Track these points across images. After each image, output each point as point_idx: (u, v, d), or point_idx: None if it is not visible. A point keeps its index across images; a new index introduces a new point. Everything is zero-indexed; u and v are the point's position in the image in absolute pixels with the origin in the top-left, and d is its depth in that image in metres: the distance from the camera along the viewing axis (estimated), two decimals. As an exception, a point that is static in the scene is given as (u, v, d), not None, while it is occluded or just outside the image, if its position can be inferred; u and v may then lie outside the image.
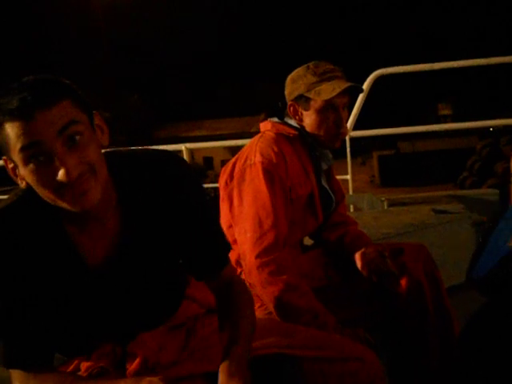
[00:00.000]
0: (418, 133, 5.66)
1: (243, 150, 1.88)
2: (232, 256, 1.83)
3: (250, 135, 1.97)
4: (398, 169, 24.27)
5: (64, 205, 1.06)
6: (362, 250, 1.85)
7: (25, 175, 1.05)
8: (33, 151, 1.01)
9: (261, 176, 1.74)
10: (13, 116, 1.00)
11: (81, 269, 1.15)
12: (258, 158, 1.76)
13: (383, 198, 4.46)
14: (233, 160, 1.88)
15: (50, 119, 1.01)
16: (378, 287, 1.83)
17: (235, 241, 1.79)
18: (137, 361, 1.17)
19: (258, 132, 1.96)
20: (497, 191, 4.10)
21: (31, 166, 1.02)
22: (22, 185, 1.08)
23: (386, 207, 4.34)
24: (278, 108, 1.95)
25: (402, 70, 4.27)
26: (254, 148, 1.81)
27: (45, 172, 1.02)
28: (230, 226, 1.83)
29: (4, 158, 1.09)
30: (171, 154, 1.25)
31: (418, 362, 1.80)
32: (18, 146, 1.01)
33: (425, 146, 25.08)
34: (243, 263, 1.75)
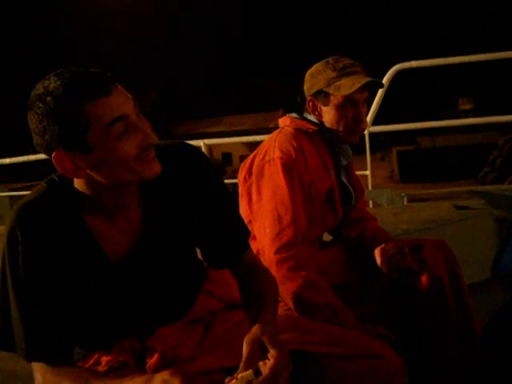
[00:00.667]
0: (438, 128, 5.62)
1: (262, 145, 1.87)
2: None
3: (268, 131, 1.97)
4: (418, 164, 24.07)
5: (143, 168, 1.11)
6: (382, 246, 1.84)
7: (109, 149, 1.07)
8: (121, 123, 1.07)
9: (280, 171, 1.73)
10: (94, 95, 1.05)
11: (102, 262, 1.17)
12: (277, 154, 1.76)
13: (403, 194, 4.44)
14: (252, 156, 1.88)
15: (124, 96, 1.09)
16: (398, 284, 1.82)
17: (254, 237, 1.79)
18: (156, 355, 1.18)
19: (276, 127, 1.95)
20: (519, 187, 4.05)
21: (124, 136, 1.08)
22: (79, 175, 1.10)
23: (405, 203, 4.32)
24: (296, 103, 1.94)
25: (421, 65, 4.22)
26: (273, 143, 1.80)
27: (130, 142, 1.09)
28: (249, 222, 1.83)
29: (57, 152, 1.08)
30: (190, 147, 1.28)
31: (438, 359, 1.78)
32: (109, 119, 1.06)
33: (445, 142, 24.83)
34: (262, 259, 1.74)
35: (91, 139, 1.06)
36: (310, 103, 1.87)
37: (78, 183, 1.15)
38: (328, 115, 1.84)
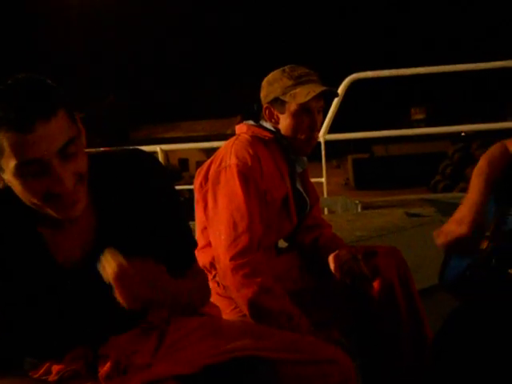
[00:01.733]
0: (391, 137, 5.75)
1: (218, 152, 1.87)
2: (206, 258, 1.82)
3: (225, 137, 1.97)
4: (372, 172, 24.53)
5: (51, 212, 1.05)
6: (336, 252, 1.86)
7: (11, 181, 1.02)
8: (30, 166, 0.99)
9: (236, 178, 1.74)
10: (10, 127, 0.97)
11: (54, 269, 1.14)
12: (233, 161, 1.76)
13: (357, 201, 4.51)
14: (208, 162, 1.88)
15: (51, 134, 0.99)
16: (352, 289, 1.84)
17: (209, 243, 1.78)
18: (108, 363, 1.16)
19: (233, 134, 1.96)
20: (468, 195, 4.16)
21: (24, 178, 1.01)
22: (0, 185, 1.07)
23: (359, 210, 4.39)
24: (253, 110, 1.95)
25: (375, 75, 4.33)
26: (230, 150, 1.81)
27: (38, 183, 1.01)
28: (205, 229, 1.82)
29: None
30: (141, 152, 1.26)
31: (391, 363, 1.81)
32: (14, 159, 0.98)
33: (398, 150, 25.38)
34: (218, 266, 1.74)
35: (3, 165, 1.02)
36: (267, 111, 1.89)
37: None
38: (284, 122, 1.86)
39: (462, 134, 19.46)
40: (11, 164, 0.99)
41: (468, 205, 1.49)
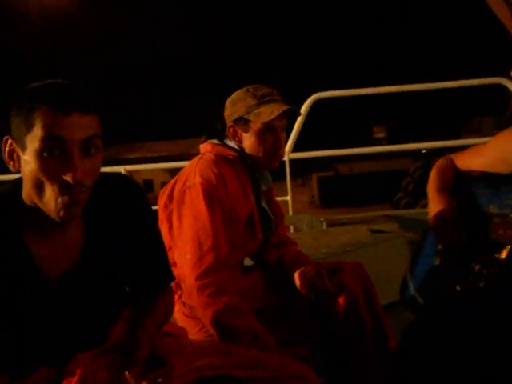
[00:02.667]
0: (355, 155, 5.84)
1: (183, 171, 1.88)
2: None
3: (190, 157, 1.97)
4: (337, 190, 24.72)
5: (49, 206, 1.08)
6: (301, 269, 1.88)
7: (29, 162, 1.06)
8: (53, 144, 1.04)
9: (200, 197, 1.74)
10: (50, 105, 1.04)
11: (37, 281, 1.15)
12: (198, 180, 1.77)
13: (322, 219, 4.55)
14: (172, 182, 1.88)
15: (82, 125, 1.06)
16: (316, 306, 1.86)
17: (175, 263, 1.78)
18: (74, 380, 1.15)
19: (198, 154, 1.97)
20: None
21: (44, 157, 1.05)
22: (15, 169, 1.10)
23: (324, 227, 4.42)
24: (218, 130, 1.97)
25: (338, 94, 4.41)
26: (194, 170, 1.81)
27: (55, 166, 1.05)
28: (170, 249, 1.82)
29: (7, 137, 1.10)
30: (126, 177, 1.34)
31: (357, 379, 1.83)
32: (43, 134, 1.04)
33: (362, 168, 25.69)
34: (183, 285, 1.73)
35: (28, 141, 1.06)
36: (231, 129, 1.90)
37: (25, 191, 1.13)
38: (248, 141, 1.88)
39: (423, 151, 19.86)
40: (36, 140, 1.04)
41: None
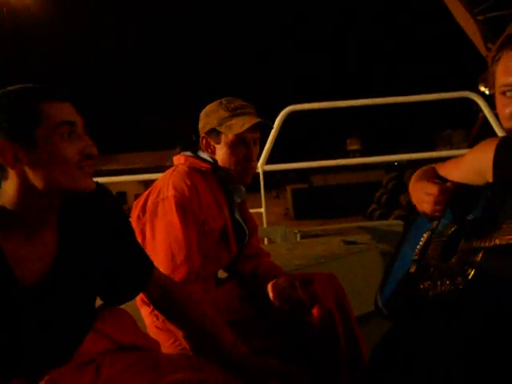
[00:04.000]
0: (329, 167, 5.90)
1: (156, 183, 1.87)
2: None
3: (164, 169, 1.97)
4: (311, 202, 24.82)
5: (80, 179, 1.19)
6: (274, 280, 1.88)
7: (55, 145, 1.15)
8: (69, 127, 1.17)
9: (173, 210, 1.74)
10: (51, 97, 1.17)
11: (11, 286, 1.14)
12: (171, 192, 1.77)
13: (296, 231, 4.56)
14: (145, 194, 1.87)
15: (74, 110, 1.21)
16: (290, 317, 1.86)
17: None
18: None
19: (172, 166, 1.96)
20: (401, 222, 4.30)
21: (61, 137, 1.16)
22: (18, 168, 1.14)
23: (298, 239, 4.43)
24: (192, 141, 1.97)
25: (311, 107, 4.45)
26: (167, 182, 1.81)
27: (71, 144, 1.17)
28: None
29: (3, 141, 1.14)
30: (100, 185, 1.35)
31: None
32: (59, 119, 1.16)
33: (336, 180, 25.86)
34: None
35: (39, 134, 1.14)
36: (204, 141, 1.91)
37: (5, 195, 1.16)
38: (220, 153, 1.89)
39: (396, 163, 20.11)
40: (54, 125, 1.16)
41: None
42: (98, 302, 1.41)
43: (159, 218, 1.76)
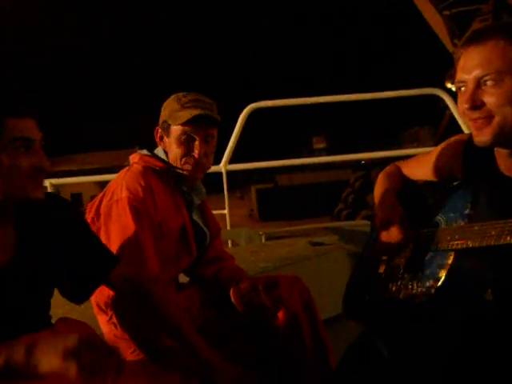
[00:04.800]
0: (295, 166, 5.95)
1: (110, 184, 1.85)
2: (101, 298, 1.77)
3: (122, 169, 1.94)
4: (277, 202, 24.93)
5: (30, 188, 1.31)
6: (237, 285, 1.88)
7: (10, 157, 1.28)
8: (26, 143, 1.30)
9: (127, 212, 1.72)
10: (15, 113, 1.29)
11: None
12: (125, 193, 1.75)
13: (261, 232, 4.57)
14: (100, 196, 1.85)
15: (35, 126, 1.34)
16: (254, 322, 1.86)
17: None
18: None
19: (127, 165, 1.94)
20: (369, 222, 4.34)
21: (22, 150, 1.30)
22: None
23: (263, 241, 4.44)
24: (153, 140, 1.97)
25: (274, 104, 4.46)
26: (121, 182, 1.79)
27: (28, 159, 1.30)
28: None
29: None
30: (53, 193, 1.53)
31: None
32: (18, 134, 1.29)
33: (302, 179, 26.05)
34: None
35: None
36: (157, 133, 1.93)
37: None
38: (169, 146, 1.90)
39: (362, 162, 20.37)
40: (9, 139, 1.28)
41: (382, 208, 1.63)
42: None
43: (113, 221, 1.74)
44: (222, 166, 4.26)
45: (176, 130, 1.86)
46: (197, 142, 1.86)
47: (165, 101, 1.94)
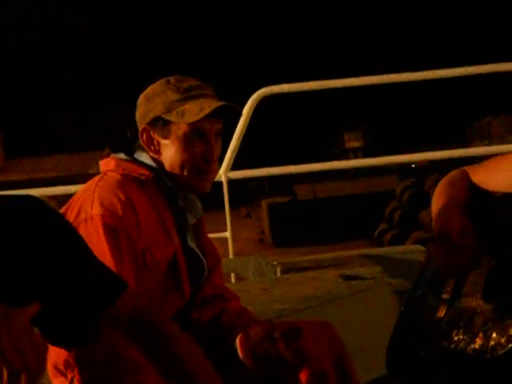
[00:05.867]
0: (320, 173, 5.94)
1: (75, 198, 1.87)
2: (59, 357, 1.78)
3: (87, 178, 1.96)
4: (296, 222, 24.85)
5: None
6: (245, 332, 1.88)
7: None
8: None
9: (101, 234, 1.74)
10: None
11: None
12: (97, 210, 1.76)
13: (275, 262, 4.56)
14: (61, 212, 1.86)
15: None
16: (268, 381, 1.86)
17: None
18: None
19: (97, 173, 1.95)
20: (423, 248, 4.33)
21: None
22: None
23: (279, 274, 4.44)
24: (127, 139, 1.97)
25: (291, 89, 4.42)
26: (91, 196, 1.81)
27: None
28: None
29: None
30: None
31: None
32: None
33: (329, 191, 25.95)
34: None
35: None
36: (145, 135, 1.92)
37: None
38: (168, 151, 1.90)
39: (413, 166, 20.32)
40: None
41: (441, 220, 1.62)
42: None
43: None
44: (222, 173, 4.26)
45: (182, 128, 1.87)
46: (209, 142, 1.89)
47: (144, 89, 1.96)
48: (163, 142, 1.91)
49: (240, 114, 2.01)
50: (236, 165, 4.41)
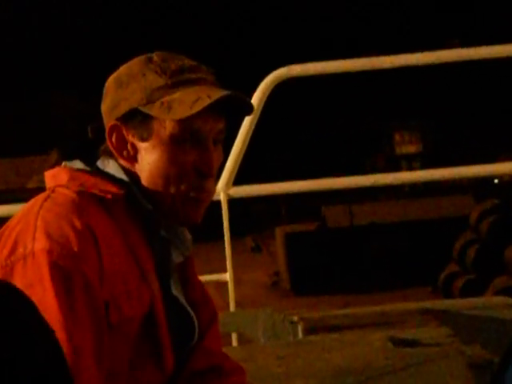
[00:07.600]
0: (358, 190, 6.01)
1: (9, 226, 1.88)
2: None
3: (25, 196, 1.97)
4: (325, 258, 24.93)
5: None
6: None
7: None
8: None
9: (46, 279, 1.74)
10: None
11: None
12: (42, 244, 1.76)
13: (296, 318, 4.56)
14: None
15: None
16: None
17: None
18: None
19: (41, 189, 1.95)
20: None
21: None
22: None
23: (301, 336, 4.44)
24: (85, 140, 1.97)
25: (317, 71, 4.44)
26: (33, 222, 1.81)
27: None
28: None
29: None
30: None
31: None
32: None
33: (372, 216, 26.04)
34: None
35: None
36: (114, 134, 1.92)
37: None
38: (148, 159, 1.90)
39: (495, 181, 20.35)
40: None
41: None
42: None
43: None
44: (221, 190, 4.27)
45: (168, 126, 1.87)
46: (206, 148, 1.89)
47: (116, 68, 1.97)
48: (141, 145, 1.90)
49: (251, 109, 1.98)
50: (239, 178, 4.43)
